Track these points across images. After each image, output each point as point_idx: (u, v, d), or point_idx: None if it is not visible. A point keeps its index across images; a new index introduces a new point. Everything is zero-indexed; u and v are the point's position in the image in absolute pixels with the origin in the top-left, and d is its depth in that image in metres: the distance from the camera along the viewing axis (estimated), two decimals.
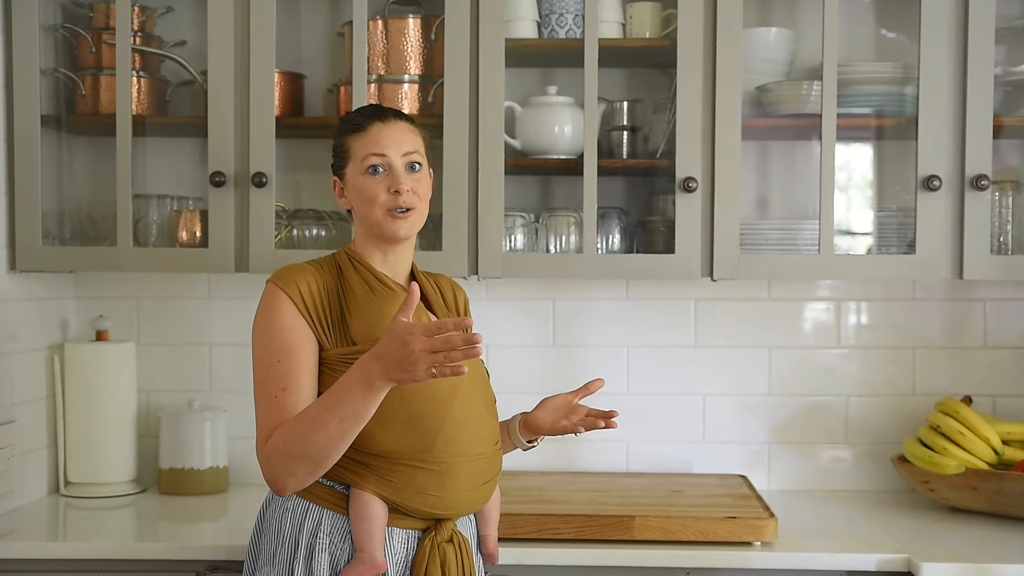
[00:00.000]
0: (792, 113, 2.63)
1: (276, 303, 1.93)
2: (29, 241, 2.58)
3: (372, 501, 1.89)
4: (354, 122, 2.02)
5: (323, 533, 1.91)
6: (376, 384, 1.75)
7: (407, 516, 1.92)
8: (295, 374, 1.89)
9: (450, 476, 1.91)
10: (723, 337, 2.88)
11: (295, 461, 1.82)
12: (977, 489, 2.53)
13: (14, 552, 2.31)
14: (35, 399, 2.69)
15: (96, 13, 2.72)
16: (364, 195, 1.99)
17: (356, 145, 2.00)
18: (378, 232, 2.00)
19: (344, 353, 1.92)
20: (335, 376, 1.88)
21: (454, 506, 1.94)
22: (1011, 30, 2.63)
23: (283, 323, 1.91)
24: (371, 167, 1.97)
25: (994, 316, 2.85)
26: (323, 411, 1.79)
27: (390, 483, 1.89)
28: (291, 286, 1.93)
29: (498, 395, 3.04)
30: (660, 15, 2.66)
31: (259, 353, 1.93)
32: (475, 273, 2.56)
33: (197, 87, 2.73)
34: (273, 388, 1.89)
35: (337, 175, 2.05)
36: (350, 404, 1.77)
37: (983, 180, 2.50)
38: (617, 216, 2.69)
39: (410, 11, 2.71)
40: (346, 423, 1.78)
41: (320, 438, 1.79)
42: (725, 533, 2.30)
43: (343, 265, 2.01)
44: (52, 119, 2.67)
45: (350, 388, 1.77)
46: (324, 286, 1.96)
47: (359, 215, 2.02)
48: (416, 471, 1.89)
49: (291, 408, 1.87)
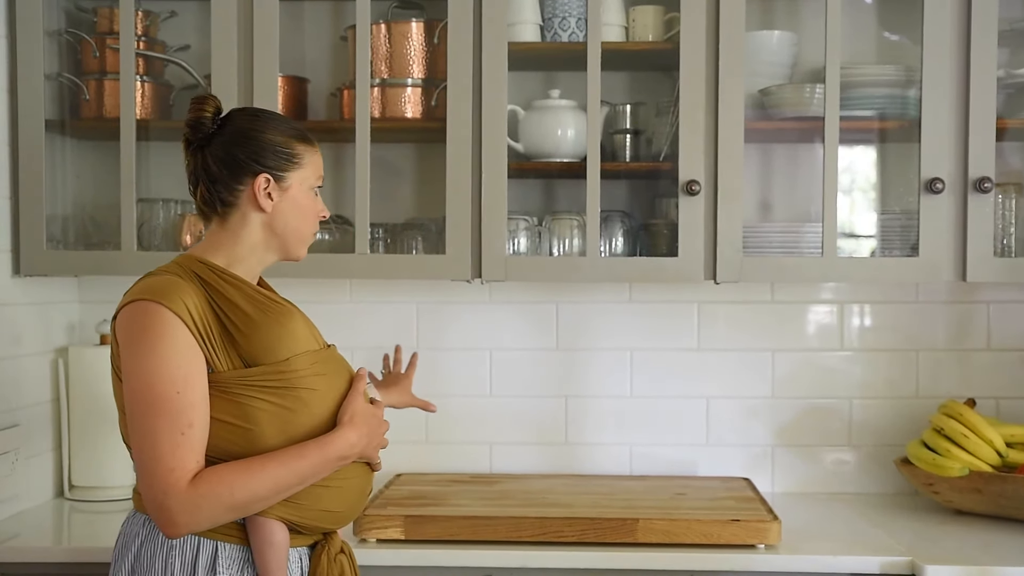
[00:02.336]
0: (795, 116, 2.63)
1: (163, 324, 1.74)
2: (33, 245, 2.59)
3: (278, 528, 1.84)
4: (305, 135, 1.94)
5: (222, 566, 1.83)
6: (349, 460, 1.88)
7: (300, 534, 1.90)
8: (198, 406, 1.75)
9: (349, 491, 1.92)
10: (726, 340, 2.88)
11: (230, 512, 1.77)
12: (981, 491, 2.53)
13: (19, 556, 2.31)
14: (39, 403, 2.69)
15: (100, 18, 2.72)
16: (307, 211, 1.92)
17: (308, 159, 1.92)
18: (292, 248, 1.93)
19: (244, 376, 1.80)
20: (230, 400, 1.79)
21: (346, 518, 1.95)
22: (1014, 32, 2.63)
23: (176, 347, 1.74)
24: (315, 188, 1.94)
25: (997, 318, 2.85)
26: (291, 476, 1.79)
27: (298, 505, 1.85)
28: (177, 303, 1.76)
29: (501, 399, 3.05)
30: (663, 18, 2.66)
31: (148, 383, 1.73)
32: (478, 276, 2.57)
33: (201, 91, 2.73)
34: (179, 423, 1.72)
35: (273, 174, 1.87)
36: (319, 475, 1.84)
37: (986, 182, 2.50)
38: (620, 219, 2.69)
39: (413, 15, 2.72)
40: (303, 487, 1.84)
41: (274, 498, 1.80)
42: (729, 536, 2.30)
43: (208, 278, 1.84)
44: (56, 123, 2.68)
45: (329, 462, 1.84)
46: (199, 302, 1.81)
47: (282, 227, 1.90)
48: (322, 490, 1.87)
49: (198, 445, 1.75)
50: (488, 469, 2.89)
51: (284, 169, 1.88)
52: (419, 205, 2.87)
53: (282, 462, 1.78)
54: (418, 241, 2.73)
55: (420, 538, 2.32)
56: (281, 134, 1.89)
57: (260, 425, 1.80)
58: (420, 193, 2.87)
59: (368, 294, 2.90)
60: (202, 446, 1.76)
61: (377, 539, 2.33)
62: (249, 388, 1.80)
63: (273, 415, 1.81)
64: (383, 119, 2.64)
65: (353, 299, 2.91)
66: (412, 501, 2.49)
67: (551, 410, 2.89)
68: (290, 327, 1.87)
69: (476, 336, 2.90)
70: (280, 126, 1.91)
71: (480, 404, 2.89)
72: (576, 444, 2.89)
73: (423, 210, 2.84)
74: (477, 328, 2.90)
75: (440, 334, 2.90)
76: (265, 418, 1.80)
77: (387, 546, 2.31)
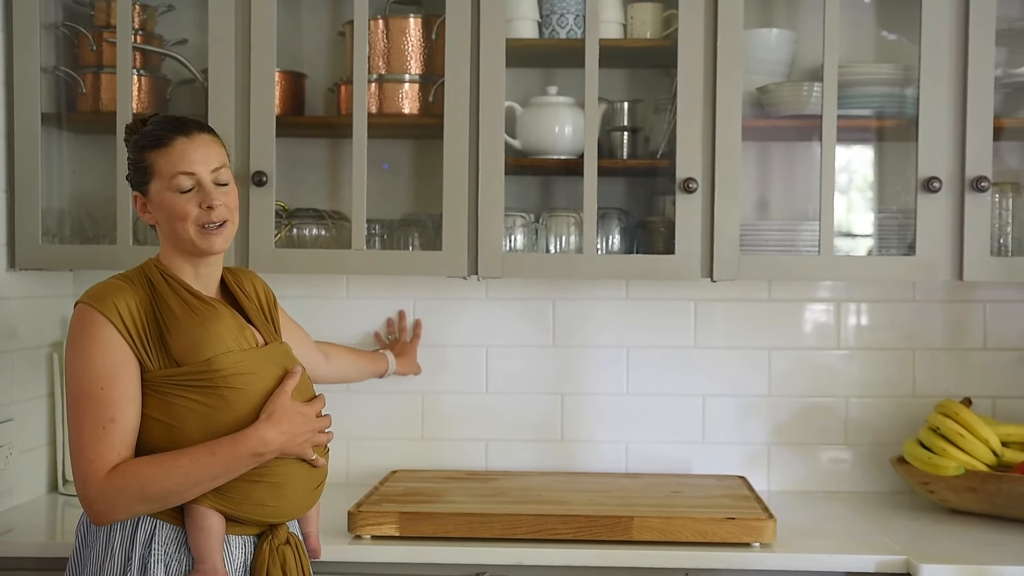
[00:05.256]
0: (793, 114, 2.63)
1: (94, 326, 1.87)
2: (29, 239, 2.59)
3: (210, 514, 1.90)
4: (154, 136, 1.95)
5: (158, 544, 1.91)
6: (267, 456, 1.88)
7: (242, 524, 1.95)
8: (120, 403, 1.86)
9: (286, 486, 1.95)
10: (723, 338, 2.88)
11: (144, 503, 1.86)
12: (976, 491, 2.53)
13: (12, 551, 2.31)
14: (34, 397, 2.68)
15: (97, 11, 2.72)
16: (173, 213, 1.93)
17: (161, 162, 1.93)
18: (191, 248, 1.96)
19: (170, 376, 1.89)
20: (159, 398, 1.89)
21: (290, 513, 1.99)
22: (1012, 31, 2.63)
23: (104, 348, 1.87)
24: (179, 187, 1.93)
25: (994, 318, 2.85)
26: (202, 472, 1.84)
27: (228, 497, 1.91)
28: (109, 307, 1.88)
29: (497, 395, 3.05)
30: (661, 15, 2.65)
31: (78, 379, 1.87)
32: (475, 273, 2.56)
33: (198, 86, 2.73)
34: (100, 418, 1.85)
35: (139, 191, 1.98)
36: (234, 472, 1.87)
37: (983, 182, 2.50)
38: (617, 216, 2.69)
39: (411, 11, 2.71)
40: (218, 482, 1.87)
41: (188, 492, 1.85)
42: (724, 534, 2.30)
43: (155, 280, 1.96)
44: (53, 117, 2.67)
45: (240, 458, 1.86)
46: (140, 304, 1.92)
47: (167, 232, 1.97)
48: (254, 485, 1.92)
49: (120, 439, 1.86)
50: (484, 466, 2.89)
51: (143, 184, 1.97)
52: (416, 201, 2.86)
53: (193, 458, 1.84)
54: (415, 237, 2.73)
55: (415, 535, 2.32)
56: (137, 147, 1.97)
57: (182, 422, 1.88)
58: (417, 189, 2.87)
59: (364, 290, 2.90)
60: (125, 441, 1.86)
61: (372, 535, 2.33)
62: (175, 387, 1.88)
63: (195, 412, 1.88)
64: (380, 115, 2.63)
65: (349, 295, 2.90)
66: (407, 498, 2.49)
67: (547, 407, 2.89)
68: (213, 328, 1.93)
69: (472, 333, 2.89)
70: (139, 139, 1.97)
71: (476, 401, 2.89)
72: (572, 441, 2.89)
73: (420, 206, 2.84)
74: (473, 325, 2.89)
75: (436, 330, 2.89)
76: (187, 415, 1.88)
77: (382, 542, 2.31)
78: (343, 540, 2.32)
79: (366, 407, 2.88)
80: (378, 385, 2.85)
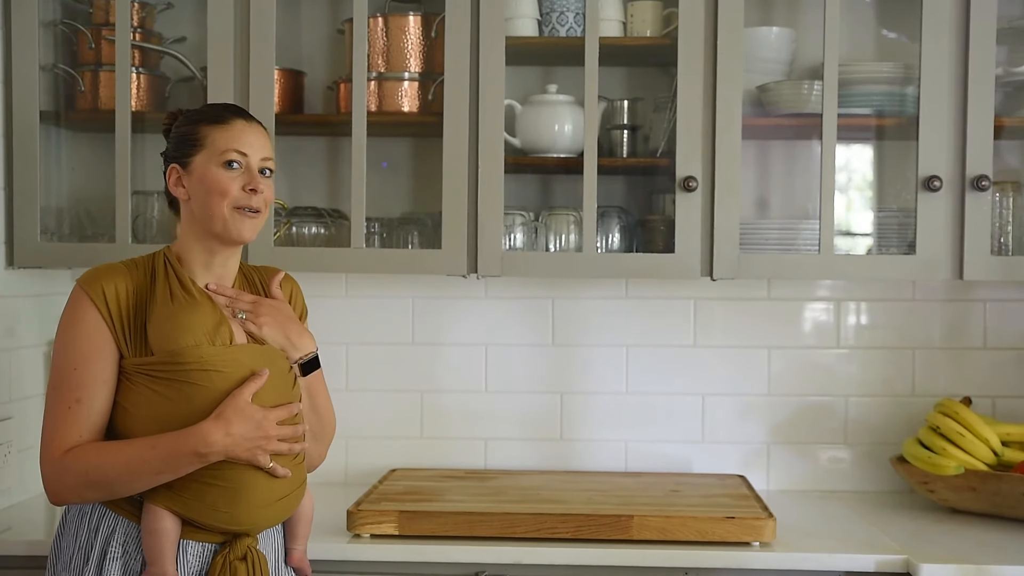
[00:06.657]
0: (793, 112, 2.63)
1: (79, 308, 1.88)
2: (27, 237, 2.58)
3: (163, 516, 1.86)
4: (214, 113, 1.95)
5: (116, 542, 1.89)
6: (211, 458, 1.82)
7: (202, 530, 1.90)
8: (89, 385, 1.85)
9: (242, 493, 1.87)
10: (722, 337, 2.87)
11: (90, 489, 1.85)
12: (976, 490, 2.52)
13: (10, 549, 2.31)
14: (33, 395, 2.68)
15: (96, 9, 2.71)
16: (214, 187, 1.90)
17: (216, 135, 1.92)
18: (220, 229, 1.91)
19: (140, 364, 1.87)
20: (132, 387, 1.87)
21: (247, 522, 1.90)
22: (1012, 30, 2.63)
23: (84, 330, 1.86)
24: (228, 161, 1.91)
25: (994, 317, 2.85)
26: (142, 464, 1.81)
27: (180, 498, 1.86)
28: (96, 290, 1.87)
29: (497, 394, 3.04)
30: (661, 14, 2.65)
31: (57, 357, 1.88)
32: (474, 271, 2.56)
33: (197, 84, 2.73)
34: (67, 398, 1.85)
35: (179, 163, 1.94)
36: (176, 469, 1.82)
37: (984, 181, 2.50)
38: (617, 215, 2.69)
39: (410, 8, 2.71)
40: (162, 478, 1.83)
41: (129, 483, 1.83)
42: (724, 533, 2.30)
43: (157, 267, 1.95)
44: (51, 115, 2.67)
45: (181, 455, 1.81)
46: (133, 290, 1.90)
47: (198, 209, 1.92)
48: (207, 487, 1.86)
49: (84, 421, 1.85)
50: (483, 465, 2.89)
51: (187, 155, 1.94)
52: (415, 199, 2.86)
53: (136, 449, 1.83)
54: (414, 235, 2.73)
55: (414, 533, 2.32)
56: (191, 120, 1.96)
57: (137, 408, 1.86)
58: (416, 187, 2.87)
59: (363, 289, 2.89)
60: (89, 423, 1.85)
61: (371, 534, 2.33)
62: (142, 376, 1.86)
63: (150, 401, 1.85)
64: (380, 113, 2.63)
65: (348, 294, 2.90)
66: (406, 496, 2.49)
67: (546, 406, 2.89)
68: (185, 319, 1.89)
69: (472, 331, 2.89)
70: (195, 114, 1.97)
71: (475, 399, 2.89)
72: (571, 440, 2.89)
73: (419, 204, 2.84)
74: (473, 323, 2.89)
75: (436, 329, 2.89)
76: (143, 403, 1.86)
77: (381, 541, 2.31)
78: (342, 539, 2.31)
79: (365, 406, 2.88)
80: (377, 384, 2.85)
